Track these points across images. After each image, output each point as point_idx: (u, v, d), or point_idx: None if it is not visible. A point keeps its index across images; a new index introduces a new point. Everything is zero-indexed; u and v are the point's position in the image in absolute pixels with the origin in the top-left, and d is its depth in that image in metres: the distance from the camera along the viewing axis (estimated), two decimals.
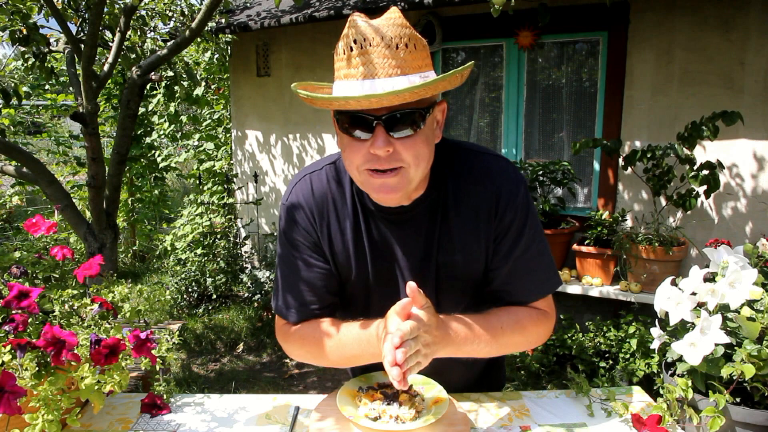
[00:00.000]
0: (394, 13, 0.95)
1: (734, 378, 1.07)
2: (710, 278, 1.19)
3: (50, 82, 5.90)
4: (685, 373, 1.13)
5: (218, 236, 5.11)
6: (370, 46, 0.90)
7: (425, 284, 1.12)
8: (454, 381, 1.30)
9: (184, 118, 6.34)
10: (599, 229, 3.43)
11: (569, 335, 3.51)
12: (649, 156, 3.17)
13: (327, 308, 1.20)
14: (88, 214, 4.64)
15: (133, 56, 3.75)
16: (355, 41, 0.92)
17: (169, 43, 3.27)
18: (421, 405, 1.19)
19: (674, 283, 1.18)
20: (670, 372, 1.23)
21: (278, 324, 1.27)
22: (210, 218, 5.15)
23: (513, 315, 1.14)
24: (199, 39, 4.49)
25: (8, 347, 1.01)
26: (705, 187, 3.02)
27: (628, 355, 3.22)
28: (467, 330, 1.07)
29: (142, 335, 1.16)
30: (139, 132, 6.12)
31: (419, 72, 0.93)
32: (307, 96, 0.94)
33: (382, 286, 1.19)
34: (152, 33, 4.26)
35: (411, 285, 0.95)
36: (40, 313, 1.17)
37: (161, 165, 6.29)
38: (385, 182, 0.98)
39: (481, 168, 1.11)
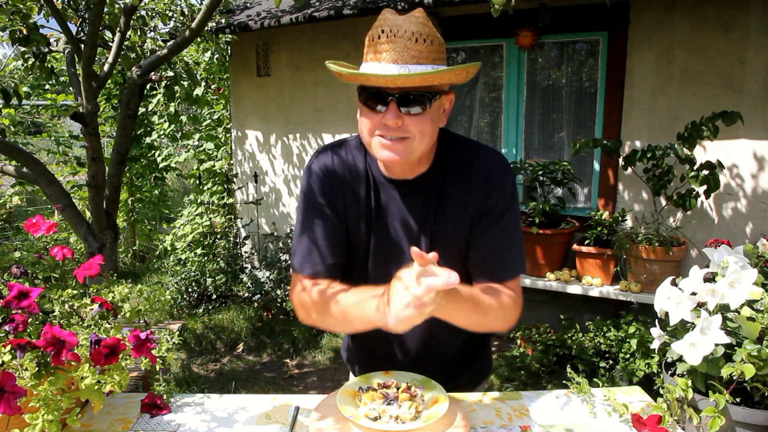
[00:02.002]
0: (418, 13, 1.12)
1: (734, 378, 1.07)
2: (710, 278, 1.19)
3: (50, 82, 5.90)
4: (685, 373, 1.13)
5: (218, 236, 5.11)
6: (395, 36, 1.08)
7: (418, 246, 1.19)
8: (442, 352, 1.43)
9: (184, 118, 6.34)
10: (599, 229, 3.43)
11: (569, 335, 3.51)
12: (649, 156, 3.17)
13: (337, 265, 1.31)
14: (88, 214, 4.64)
15: (133, 56, 3.75)
16: (383, 31, 1.10)
17: (169, 43, 3.27)
18: (421, 405, 1.19)
19: (674, 283, 1.18)
20: (670, 372, 1.23)
21: (293, 282, 1.34)
22: (210, 218, 5.15)
23: (496, 295, 1.23)
24: (199, 39, 4.48)
25: (8, 347, 1.01)
26: (705, 187, 3.02)
27: (628, 355, 3.22)
28: (469, 295, 1.16)
29: (142, 335, 1.16)
30: (139, 132, 6.12)
31: (433, 63, 1.11)
32: (337, 70, 1.14)
33: (383, 249, 1.32)
34: (152, 33, 4.26)
35: (414, 249, 1.01)
36: (40, 313, 1.17)
37: (161, 165, 6.28)
38: (392, 146, 1.15)
39: (479, 156, 1.29)
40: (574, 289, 3.54)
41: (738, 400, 1.08)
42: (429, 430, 1.13)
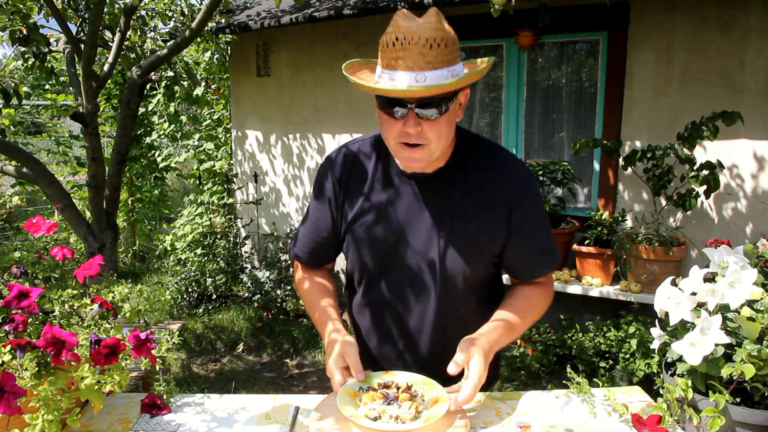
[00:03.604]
0: (431, 16, 1.12)
1: (734, 378, 1.07)
2: (710, 278, 1.19)
3: (50, 82, 5.90)
4: (685, 373, 1.13)
5: (218, 236, 5.11)
6: (409, 44, 1.09)
7: (433, 245, 1.32)
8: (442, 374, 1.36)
9: (184, 118, 6.34)
10: (599, 229, 3.43)
11: (569, 335, 3.51)
12: (649, 156, 3.17)
13: (317, 256, 1.48)
14: (88, 214, 4.64)
15: (133, 56, 3.75)
16: (396, 38, 1.10)
17: (169, 43, 3.27)
18: (421, 405, 1.19)
19: (674, 283, 1.18)
20: (670, 372, 1.23)
21: (295, 264, 1.54)
22: (210, 218, 5.15)
23: (530, 300, 1.38)
24: (199, 39, 4.48)
25: (8, 347, 1.01)
26: (705, 187, 3.02)
27: (628, 355, 3.22)
28: (505, 334, 1.30)
29: (142, 335, 1.16)
30: (139, 132, 6.12)
31: (449, 66, 1.12)
32: (355, 81, 1.16)
33: (392, 241, 1.35)
34: (152, 33, 4.26)
35: (451, 370, 1.19)
36: (40, 313, 1.17)
37: (161, 165, 6.28)
38: (412, 154, 1.21)
39: (499, 158, 1.33)
40: (574, 289, 3.54)
41: (738, 400, 1.08)
42: (429, 429, 1.13)
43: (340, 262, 1.54)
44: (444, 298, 1.36)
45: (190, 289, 4.94)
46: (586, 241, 3.53)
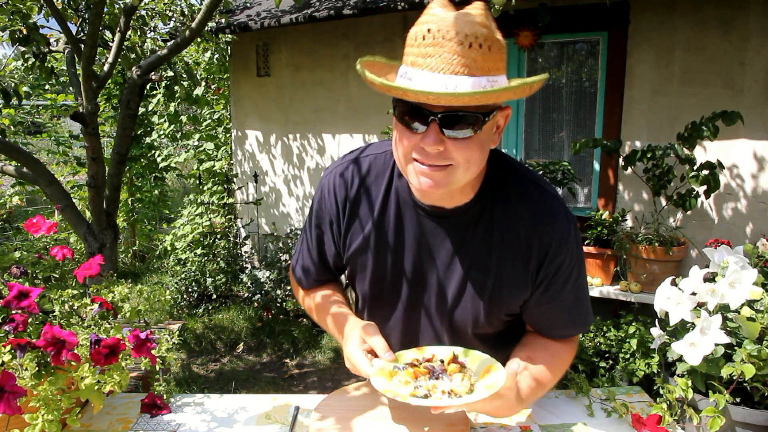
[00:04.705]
0: (476, 9, 0.90)
1: (734, 378, 1.07)
2: (710, 278, 1.19)
3: (50, 82, 5.90)
4: (685, 373, 1.13)
5: (218, 236, 5.11)
6: (443, 39, 0.87)
7: (445, 291, 1.14)
8: None
9: (184, 118, 6.34)
10: (599, 229, 3.43)
11: None
12: (649, 156, 3.17)
13: (318, 279, 1.33)
14: (88, 214, 4.63)
15: (133, 56, 3.74)
16: (428, 30, 0.88)
17: (169, 43, 3.27)
18: (473, 376, 1.03)
19: (674, 283, 1.18)
20: (670, 372, 1.23)
21: (292, 279, 1.39)
22: (210, 218, 5.15)
23: (559, 358, 1.17)
24: (199, 39, 4.48)
25: (8, 347, 1.01)
26: (705, 187, 3.02)
27: (628, 355, 3.22)
28: (533, 389, 1.11)
29: (142, 335, 1.16)
30: (139, 132, 6.12)
31: (488, 75, 0.89)
32: (369, 78, 0.91)
33: (403, 284, 1.18)
34: (152, 33, 4.26)
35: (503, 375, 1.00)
36: (40, 313, 1.17)
37: (161, 165, 6.28)
38: (431, 174, 0.95)
39: (536, 201, 1.08)
40: None
41: (738, 400, 1.08)
42: (494, 398, 0.98)
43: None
44: (453, 343, 1.20)
45: (190, 289, 4.94)
46: (586, 241, 3.52)
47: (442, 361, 1.06)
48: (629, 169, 3.42)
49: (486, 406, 1.02)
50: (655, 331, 1.25)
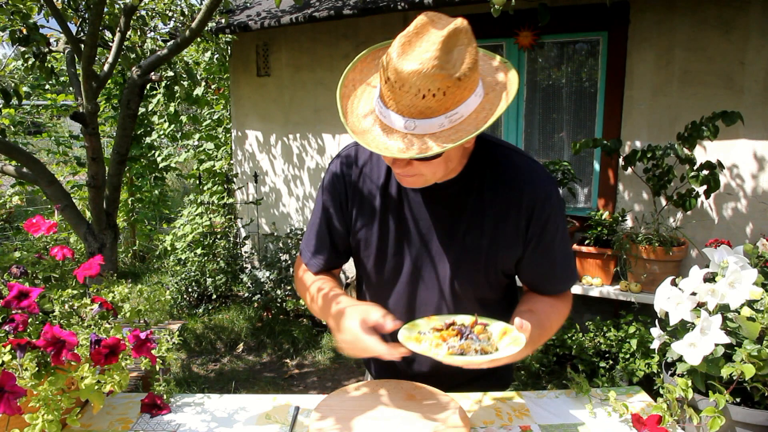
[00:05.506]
0: (434, 45, 0.93)
1: (734, 378, 1.07)
2: (710, 278, 1.19)
3: (50, 82, 5.90)
4: (685, 373, 1.13)
5: (218, 236, 5.11)
6: (400, 89, 0.95)
7: (446, 259, 1.24)
8: (458, 377, 1.33)
9: (184, 118, 6.34)
10: (599, 229, 3.43)
11: (569, 335, 3.51)
12: (649, 156, 3.17)
13: (325, 261, 1.36)
14: (88, 214, 4.63)
15: (133, 56, 3.74)
16: (388, 78, 0.96)
17: (169, 43, 3.27)
18: (492, 337, 1.10)
19: (674, 283, 1.18)
20: (670, 372, 1.23)
21: (297, 262, 1.43)
22: (210, 218, 5.15)
23: (557, 308, 1.28)
24: (199, 39, 4.48)
25: (8, 347, 1.01)
26: (705, 187, 3.02)
27: (628, 355, 3.22)
28: (540, 333, 1.17)
29: (142, 335, 1.16)
30: (139, 132, 6.12)
31: (447, 112, 0.96)
32: (342, 121, 1.04)
33: (399, 252, 1.27)
34: (152, 33, 4.26)
35: (517, 321, 1.06)
36: (40, 313, 1.17)
37: (161, 165, 6.28)
38: (406, 180, 1.13)
39: (520, 166, 1.21)
40: (574, 289, 3.50)
41: (738, 400, 1.08)
42: (520, 353, 1.05)
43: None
44: (455, 311, 1.28)
45: (190, 289, 4.94)
46: (586, 241, 3.53)
47: (464, 325, 1.12)
48: (629, 169, 3.42)
49: (513, 359, 1.08)
50: (655, 331, 1.25)
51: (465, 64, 0.95)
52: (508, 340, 1.07)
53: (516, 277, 1.34)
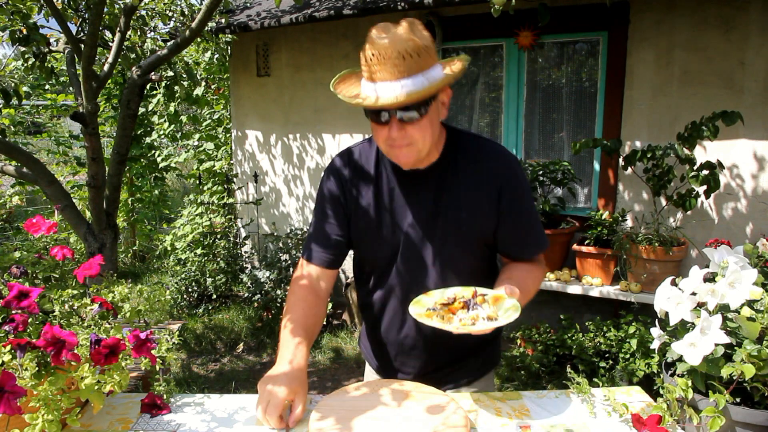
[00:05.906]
0: (403, 28, 1.22)
1: (734, 378, 1.07)
2: (710, 278, 1.19)
3: (50, 82, 5.90)
4: (685, 373, 1.13)
5: (218, 236, 5.11)
6: (384, 58, 1.20)
7: (433, 235, 1.42)
8: (447, 353, 1.53)
9: (184, 118, 6.33)
10: (599, 229, 3.43)
11: (569, 335, 3.51)
12: (649, 156, 3.17)
13: (327, 256, 1.48)
14: (88, 214, 4.63)
15: (133, 56, 3.74)
16: (372, 54, 1.21)
17: (169, 43, 3.26)
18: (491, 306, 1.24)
19: (674, 283, 1.18)
20: (670, 372, 1.23)
21: (299, 264, 1.54)
22: (210, 218, 5.15)
23: (534, 274, 1.47)
24: (199, 39, 4.48)
25: (8, 347, 1.01)
26: (705, 187, 3.02)
27: (628, 355, 3.22)
28: (523, 297, 1.31)
29: (142, 335, 1.16)
30: (139, 132, 6.12)
31: (423, 71, 1.23)
32: (342, 98, 1.29)
33: (397, 236, 1.44)
34: (152, 33, 4.25)
35: (507, 288, 1.25)
36: (40, 313, 1.17)
37: (161, 165, 6.28)
38: (401, 152, 1.32)
39: (484, 147, 1.44)
40: (574, 289, 3.54)
41: (738, 400, 1.08)
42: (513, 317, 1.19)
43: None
44: (442, 282, 1.43)
45: (190, 289, 4.94)
46: (586, 241, 3.53)
47: (464, 299, 1.26)
48: (629, 169, 3.42)
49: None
50: (655, 331, 1.25)
51: (428, 38, 1.25)
52: (508, 304, 1.22)
53: (496, 251, 1.53)
